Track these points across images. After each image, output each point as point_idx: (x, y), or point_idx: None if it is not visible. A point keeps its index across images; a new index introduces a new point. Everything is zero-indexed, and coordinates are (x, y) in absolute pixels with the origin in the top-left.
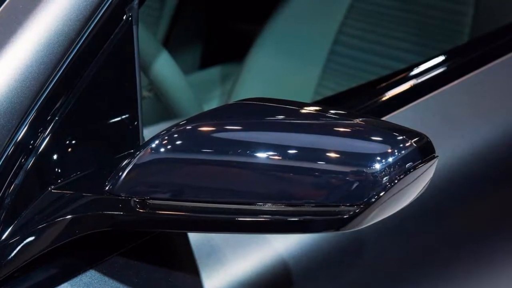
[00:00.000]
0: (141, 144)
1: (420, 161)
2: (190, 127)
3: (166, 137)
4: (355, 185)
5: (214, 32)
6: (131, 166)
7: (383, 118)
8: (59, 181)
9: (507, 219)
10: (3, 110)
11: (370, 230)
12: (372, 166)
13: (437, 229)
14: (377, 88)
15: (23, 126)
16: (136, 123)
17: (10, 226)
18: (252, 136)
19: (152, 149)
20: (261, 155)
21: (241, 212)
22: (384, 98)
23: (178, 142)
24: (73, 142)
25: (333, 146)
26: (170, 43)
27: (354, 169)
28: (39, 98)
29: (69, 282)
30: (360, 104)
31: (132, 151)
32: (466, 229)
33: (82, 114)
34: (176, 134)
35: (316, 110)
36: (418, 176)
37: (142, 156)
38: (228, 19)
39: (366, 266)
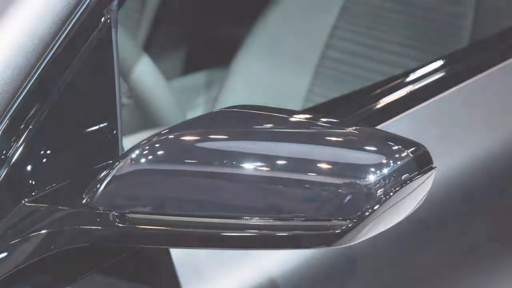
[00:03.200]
0: (120, 154)
1: (417, 172)
2: (172, 136)
3: (147, 147)
4: (347, 198)
5: (198, 35)
6: (109, 177)
7: (378, 127)
8: (33, 193)
9: (509, 233)
10: None
11: (364, 246)
12: (366, 178)
13: (435, 245)
14: (371, 95)
15: None
16: (115, 132)
17: None
18: (239, 146)
19: (132, 159)
20: (248, 166)
21: (227, 226)
22: (379, 106)
23: (160, 152)
24: (48, 152)
25: (324, 156)
26: (152, 47)
27: (347, 181)
28: (12, 105)
29: None
30: (354, 111)
31: (111, 162)
32: (466, 244)
33: (57, 122)
34: (157, 143)
35: (306, 118)
36: (415, 189)
37: (122, 167)
38: (214, 22)
39: (360, 285)
